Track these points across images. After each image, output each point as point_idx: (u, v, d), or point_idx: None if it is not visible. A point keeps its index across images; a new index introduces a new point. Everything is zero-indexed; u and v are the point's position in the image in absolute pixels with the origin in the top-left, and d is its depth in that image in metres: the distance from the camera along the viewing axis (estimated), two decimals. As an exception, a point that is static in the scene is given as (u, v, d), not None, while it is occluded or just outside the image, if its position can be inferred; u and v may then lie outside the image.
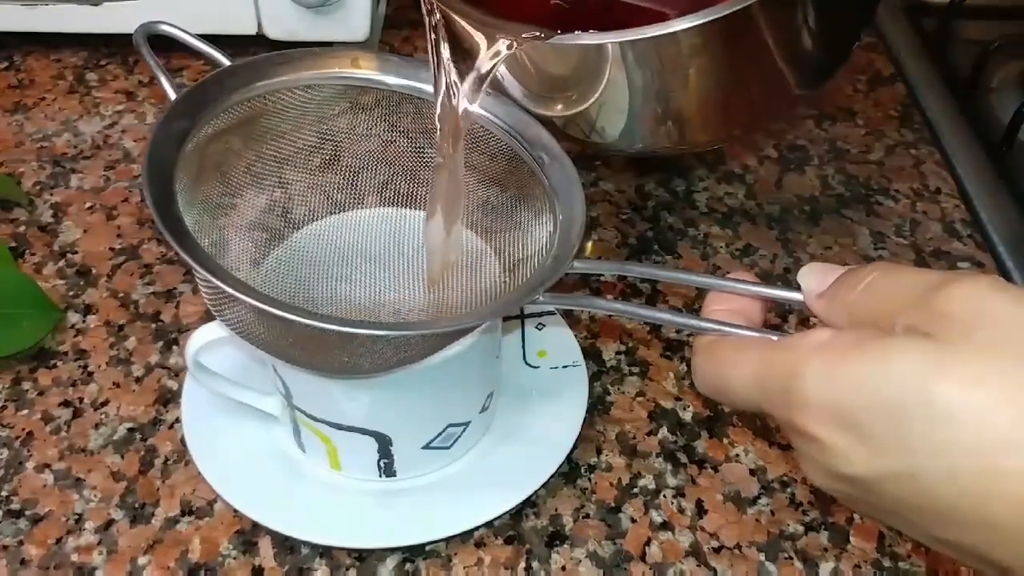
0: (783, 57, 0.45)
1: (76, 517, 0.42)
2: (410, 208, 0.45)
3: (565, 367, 0.47)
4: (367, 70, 0.42)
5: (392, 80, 0.42)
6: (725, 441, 0.46)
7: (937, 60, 0.73)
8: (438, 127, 0.40)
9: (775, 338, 0.30)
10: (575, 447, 0.44)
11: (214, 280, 0.32)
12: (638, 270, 0.40)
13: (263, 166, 0.42)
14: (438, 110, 0.40)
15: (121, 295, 0.53)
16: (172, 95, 0.38)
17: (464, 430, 0.42)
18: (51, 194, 0.59)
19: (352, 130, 0.43)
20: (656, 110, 0.45)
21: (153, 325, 0.51)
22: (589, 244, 0.57)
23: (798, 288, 0.31)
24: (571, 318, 0.51)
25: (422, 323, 0.40)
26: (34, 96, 0.67)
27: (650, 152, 0.52)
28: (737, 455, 0.45)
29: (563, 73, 0.43)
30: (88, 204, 0.58)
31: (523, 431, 0.44)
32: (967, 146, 0.65)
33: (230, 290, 0.32)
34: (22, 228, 0.57)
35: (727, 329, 0.31)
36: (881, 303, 0.27)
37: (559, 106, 0.44)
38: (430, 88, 0.41)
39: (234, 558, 0.40)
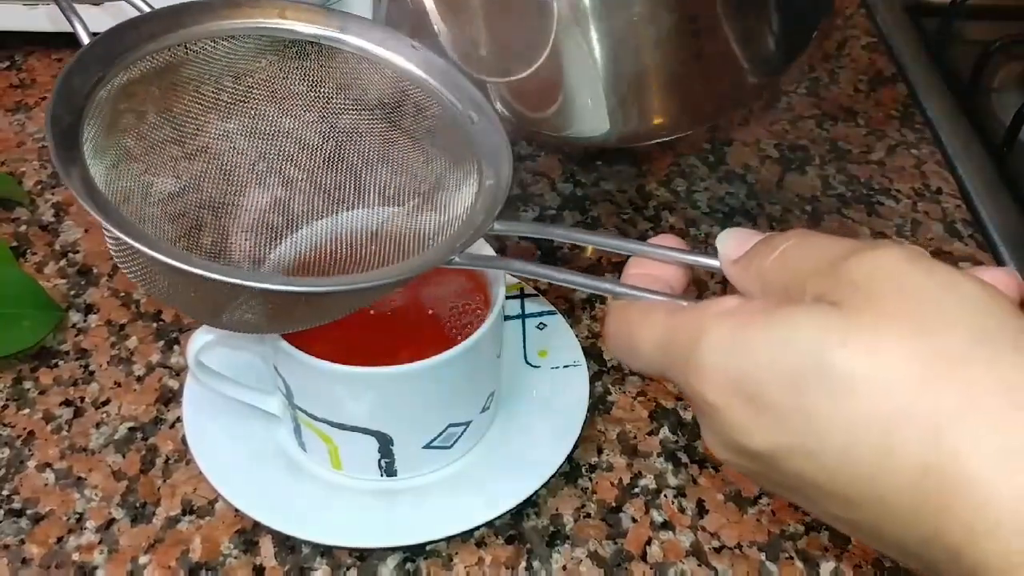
0: (742, 42, 0.45)
1: (77, 516, 0.42)
2: (336, 168, 0.42)
3: (566, 367, 0.47)
4: (294, 21, 0.40)
5: (320, 32, 0.40)
6: (726, 441, 0.46)
7: (938, 60, 0.73)
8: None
9: (685, 304, 0.29)
10: (576, 447, 0.44)
11: (102, 219, 0.31)
12: (559, 233, 0.40)
13: (181, 118, 0.39)
14: None
15: (122, 294, 0.53)
16: (86, 40, 0.36)
17: (465, 430, 0.42)
18: (52, 193, 0.59)
19: (276, 84, 0.41)
20: (620, 96, 0.45)
21: (154, 324, 0.51)
22: (590, 247, 0.57)
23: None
24: (572, 317, 0.51)
25: (314, 280, 0.36)
26: (35, 96, 0.67)
27: (626, 142, 0.52)
28: (738, 455, 0.45)
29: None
30: (89, 203, 0.58)
31: (524, 431, 0.44)
32: (968, 146, 0.65)
33: (117, 231, 0.31)
34: (23, 227, 0.57)
35: (639, 293, 0.30)
36: (793, 271, 0.26)
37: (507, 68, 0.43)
38: (361, 42, 0.40)
39: (235, 557, 0.40)
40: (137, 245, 0.31)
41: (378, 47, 0.40)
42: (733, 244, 0.29)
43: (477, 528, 0.41)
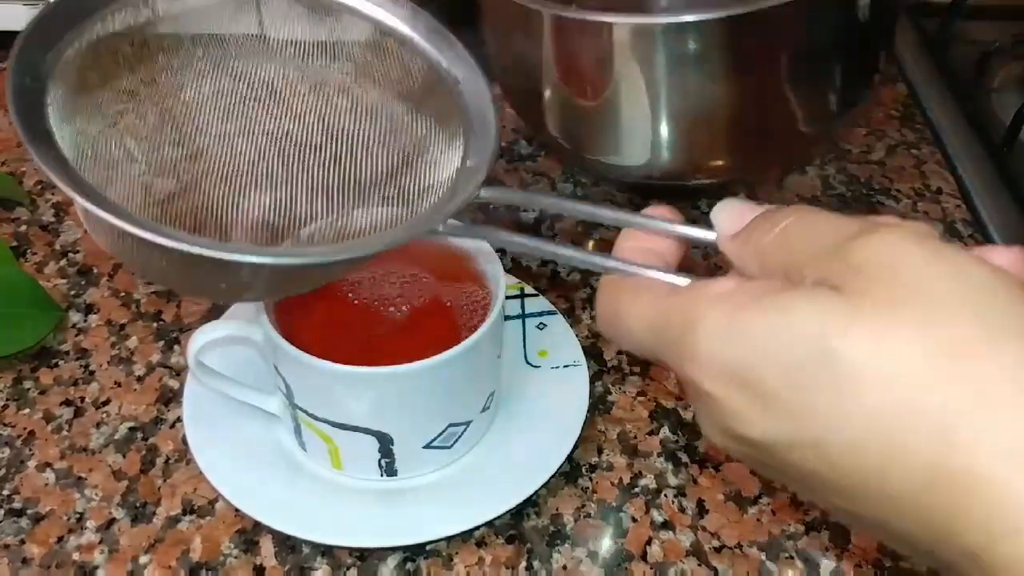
0: (800, 91, 0.45)
1: (77, 516, 0.42)
2: (313, 129, 0.39)
3: (566, 366, 0.47)
4: None
5: None
6: (726, 441, 0.46)
7: (939, 60, 0.73)
8: None
9: (681, 282, 0.27)
10: (576, 446, 0.44)
11: (68, 190, 0.29)
12: (548, 202, 0.39)
13: (152, 81, 0.38)
14: None
15: (123, 294, 0.53)
16: None
17: (465, 429, 0.42)
18: (52, 193, 0.59)
19: (252, 39, 0.39)
20: (670, 133, 0.45)
21: (154, 324, 0.51)
22: (591, 242, 0.57)
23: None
24: (572, 317, 0.51)
25: (296, 250, 0.34)
26: (35, 96, 0.67)
27: (668, 179, 0.52)
28: (738, 455, 0.45)
29: None
30: (89, 203, 0.58)
31: (524, 430, 0.44)
32: (968, 146, 0.65)
33: (80, 199, 0.29)
34: (24, 227, 0.57)
35: (632, 268, 0.29)
36: (794, 251, 0.25)
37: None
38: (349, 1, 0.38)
39: (235, 557, 0.40)
40: (101, 213, 0.29)
41: (362, 1, 0.38)
42: (730, 218, 0.28)
43: (477, 528, 0.41)
